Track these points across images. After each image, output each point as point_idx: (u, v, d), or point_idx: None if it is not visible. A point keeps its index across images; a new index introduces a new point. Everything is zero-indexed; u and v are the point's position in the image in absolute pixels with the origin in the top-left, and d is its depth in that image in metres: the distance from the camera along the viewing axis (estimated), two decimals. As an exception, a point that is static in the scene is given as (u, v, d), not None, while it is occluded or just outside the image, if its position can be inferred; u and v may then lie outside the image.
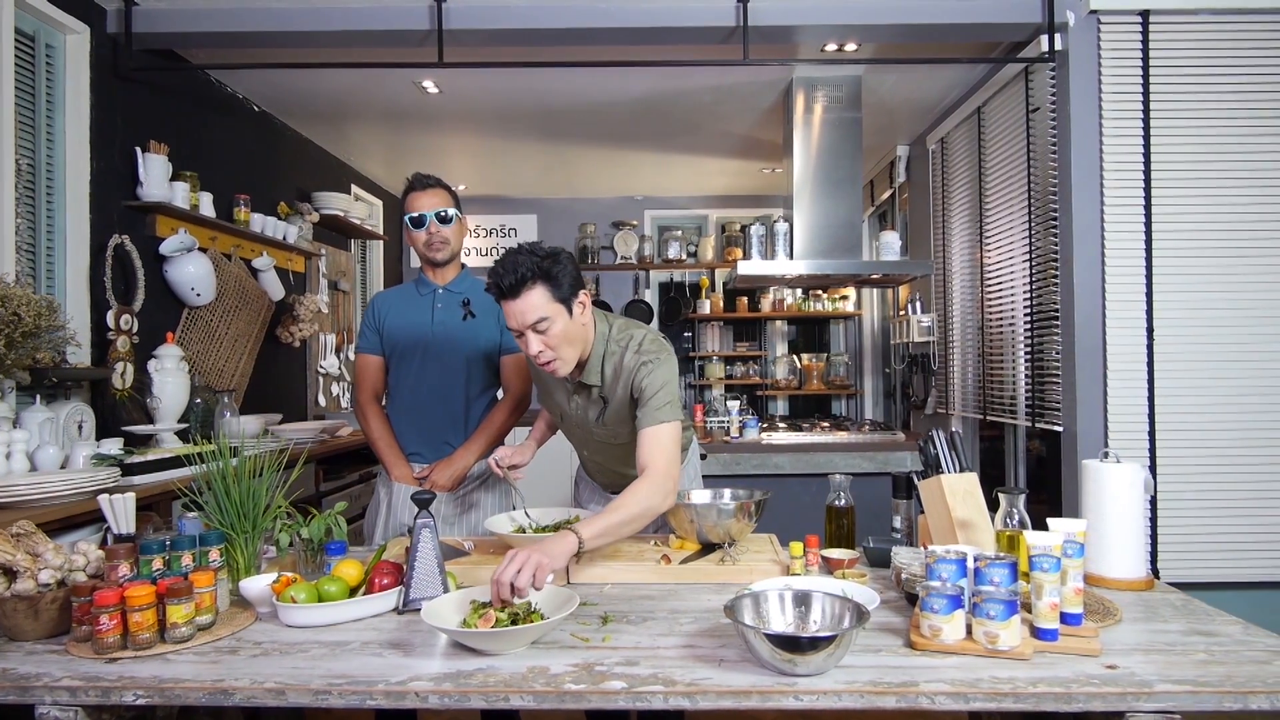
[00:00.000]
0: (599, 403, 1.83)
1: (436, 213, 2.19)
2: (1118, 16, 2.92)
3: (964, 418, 4.17)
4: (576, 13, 3.00)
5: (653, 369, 1.72)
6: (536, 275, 1.61)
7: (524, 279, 1.60)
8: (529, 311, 1.62)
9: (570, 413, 1.91)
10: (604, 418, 1.84)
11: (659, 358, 1.74)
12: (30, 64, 2.70)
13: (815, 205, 3.86)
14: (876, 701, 1.13)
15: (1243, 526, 2.88)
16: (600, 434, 1.89)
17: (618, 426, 1.83)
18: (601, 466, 2.04)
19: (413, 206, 2.20)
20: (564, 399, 1.91)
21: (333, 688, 1.18)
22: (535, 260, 1.61)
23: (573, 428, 1.97)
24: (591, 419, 1.86)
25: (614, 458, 1.96)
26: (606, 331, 1.79)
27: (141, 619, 1.32)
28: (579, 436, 1.99)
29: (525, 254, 1.62)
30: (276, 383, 4.25)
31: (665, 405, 1.70)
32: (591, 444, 1.97)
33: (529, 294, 1.61)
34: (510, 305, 1.63)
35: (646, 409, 1.70)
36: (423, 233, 2.20)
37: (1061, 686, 1.13)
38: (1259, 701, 1.11)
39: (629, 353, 1.75)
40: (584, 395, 1.84)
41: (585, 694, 1.16)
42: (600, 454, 1.99)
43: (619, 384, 1.77)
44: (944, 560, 1.34)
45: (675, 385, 1.75)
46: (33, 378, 2.41)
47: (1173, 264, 2.91)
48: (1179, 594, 1.59)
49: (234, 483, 1.64)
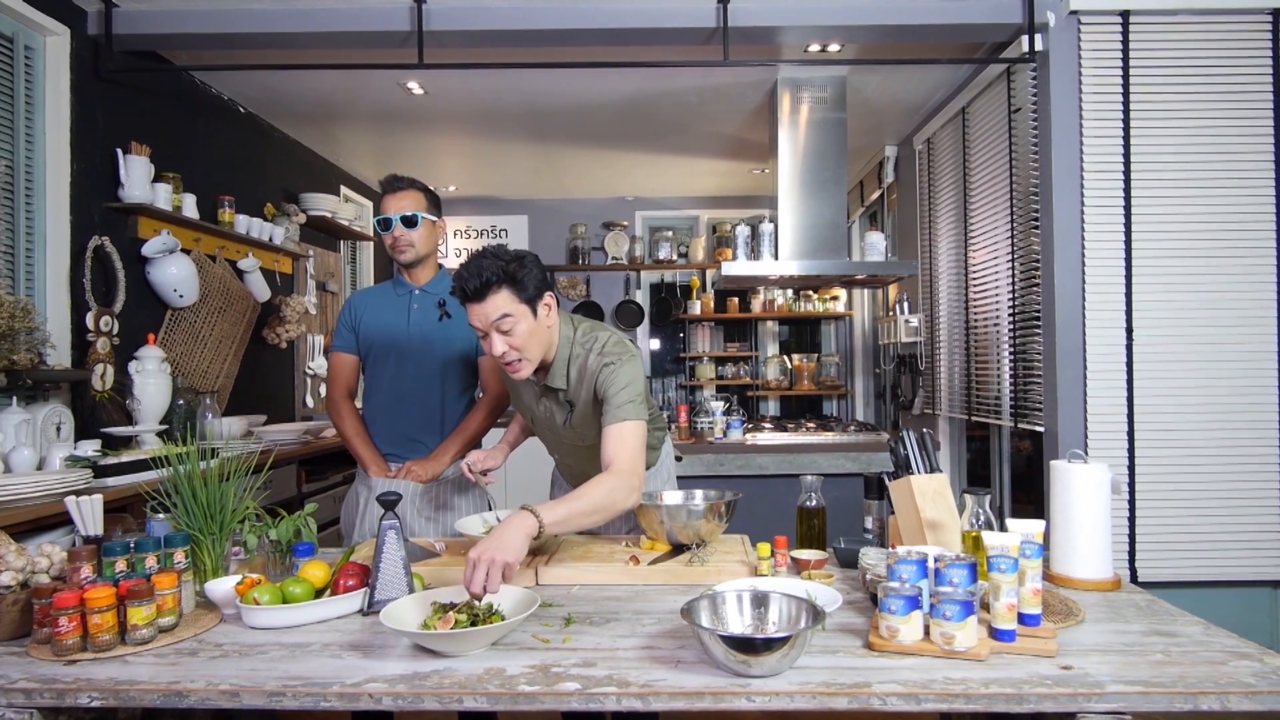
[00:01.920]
0: (565, 406, 1.85)
1: (401, 216, 2.19)
2: (1098, 17, 2.93)
3: (950, 418, 4.18)
4: (556, 14, 3.00)
5: (615, 369, 1.73)
6: (501, 279, 1.63)
7: (489, 283, 1.62)
8: (492, 314, 1.64)
9: (540, 415, 1.93)
10: (571, 421, 1.86)
11: (621, 358, 1.75)
12: (9, 66, 2.70)
13: (801, 206, 3.86)
14: (829, 702, 1.14)
15: (1219, 526, 2.88)
16: (569, 437, 1.91)
17: (585, 429, 1.85)
18: (573, 469, 2.07)
19: (383, 208, 2.22)
20: (533, 402, 1.92)
21: (287, 689, 1.18)
22: (500, 264, 1.63)
23: (543, 430, 1.99)
24: (559, 422, 1.88)
25: (584, 460, 1.97)
26: (571, 334, 1.81)
27: (101, 621, 1.32)
28: (550, 439, 2.00)
29: (490, 258, 1.64)
30: (263, 384, 4.25)
31: (628, 404, 1.71)
32: (562, 446, 1.99)
33: (494, 297, 1.63)
34: (475, 308, 1.65)
35: (610, 407, 1.72)
36: (389, 235, 2.20)
37: (1013, 687, 1.14)
38: (1209, 702, 1.12)
39: (593, 355, 1.78)
40: (551, 399, 1.86)
41: (539, 695, 1.16)
42: (571, 456, 2.01)
43: (584, 386, 1.79)
44: (904, 561, 1.34)
45: (640, 385, 1.76)
46: (9, 379, 2.41)
47: (1152, 265, 2.92)
48: (1144, 594, 1.59)
49: (201, 485, 1.64)
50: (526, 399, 1.94)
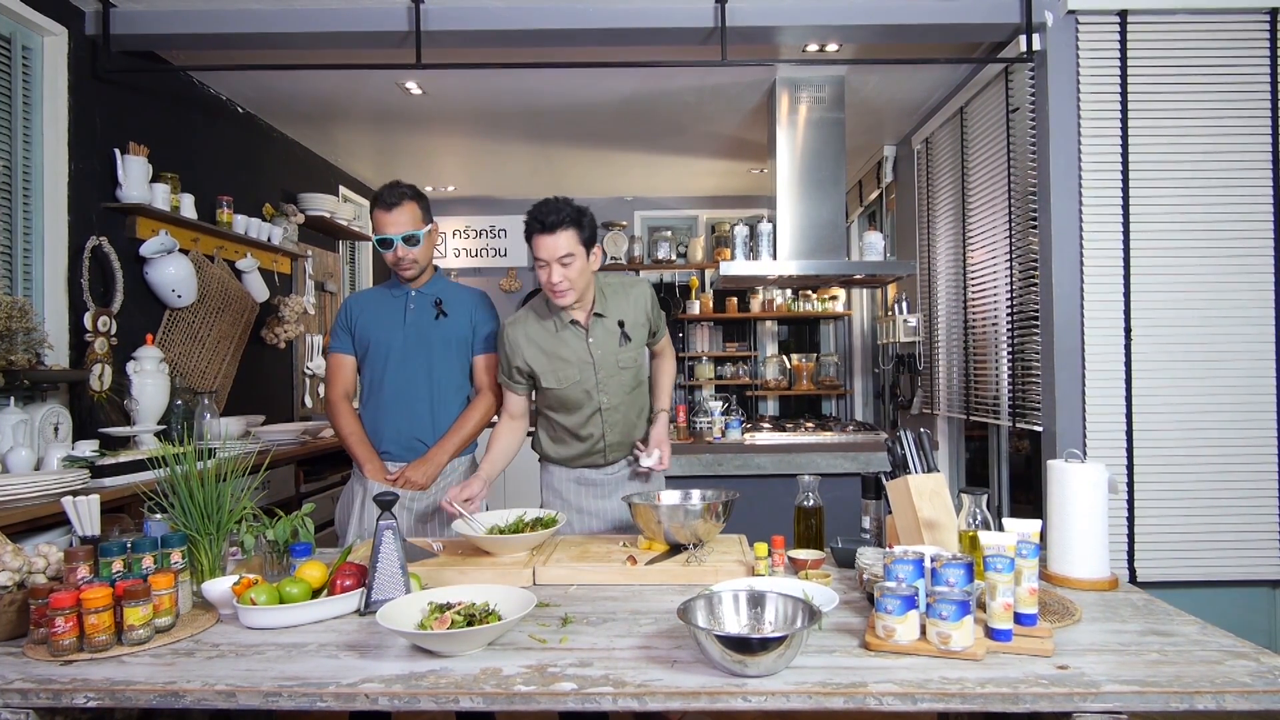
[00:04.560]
0: (617, 330, 2.12)
1: (403, 236, 2.17)
2: (1096, 16, 2.92)
3: (949, 418, 4.18)
4: (554, 14, 3.00)
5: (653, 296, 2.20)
6: (571, 221, 1.94)
7: (562, 221, 1.93)
8: (560, 247, 1.93)
9: (596, 362, 2.10)
10: (626, 334, 2.13)
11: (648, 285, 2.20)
12: (7, 66, 2.69)
13: (800, 205, 3.86)
14: (824, 702, 1.14)
15: (1218, 525, 2.88)
16: (624, 360, 2.13)
17: (637, 352, 2.17)
18: (618, 423, 2.19)
19: (380, 227, 2.17)
20: (583, 352, 2.09)
21: (283, 689, 1.18)
22: (572, 209, 1.96)
23: (588, 396, 2.12)
24: (616, 347, 2.12)
25: (629, 404, 2.19)
26: (599, 280, 2.13)
27: (98, 621, 1.32)
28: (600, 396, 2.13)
29: (564, 203, 1.96)
30: (262, 384, 4.25)
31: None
32: (611, 395, 2.14)
33: (563, 233, 1.93)
34: (545, 240, 1.93)
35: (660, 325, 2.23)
36: (390, 254, 2.19)
37: (1009, 687, 1.14)
38: (1205, 701, 1.12)
39: (623, 285, 2.16)
40: (602, 331, 2.11)
41: (534, 695, 1.16)
42: (617, 405, 2.17)
43: (628, 302, 2.14)
44: (901, 561, 1.34)
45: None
46: (7, 379, 2.41)
47: (1150, 264, 2.92)
48: (1141, 594, 1.60)
49: (198, 486, 1.64)
50: (573, 359, 2.09)
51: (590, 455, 2.22)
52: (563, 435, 2.22)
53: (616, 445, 2.22)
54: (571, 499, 2.25)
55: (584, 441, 2.20)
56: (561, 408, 2.16)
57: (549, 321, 2.09)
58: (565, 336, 2.09)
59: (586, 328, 2.09)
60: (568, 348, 2.09)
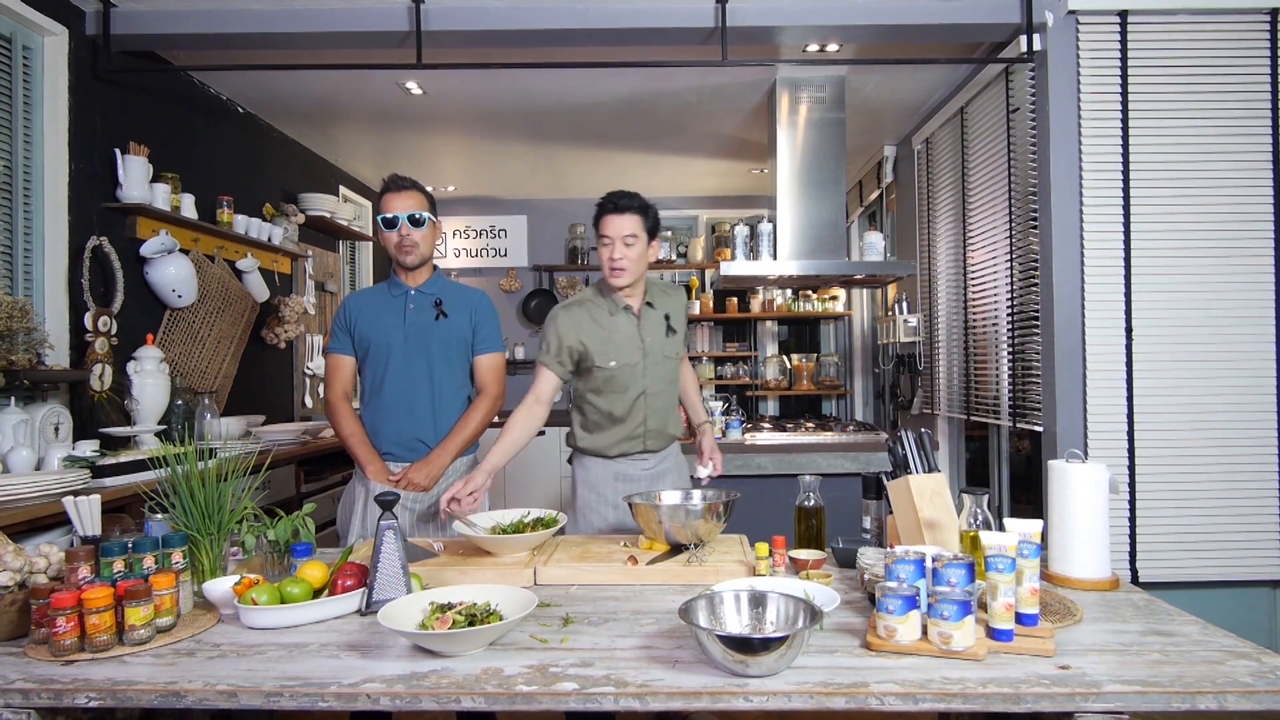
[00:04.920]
0: (663, 325, 2.30)
1: (409, 215, 2.20)
2: (1096, 17, 2.92)
3: (949, 418, 4.18)
4: (554, 14, 3.00)
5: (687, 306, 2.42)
6: (639, 207, 2.19)
7: (632, 205, 2.17)
8: (625, 226, 2.15)
9: (645, 347, 2.25)
10: (671, 326, 2.31)
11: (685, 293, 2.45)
12: (7, 66, 2.69)
13: (800, 206, 3.86)
14: (826, 702, 1.14)
15: (1219, 525, 2.88)
16: (669, 350, 2.30)
17: (678, 346, 2.35)
18: (659, 410, 2.32)
19: (386, 207, 2.22)
20: (634, 337, 2.25)
21: (285, 689, 1.18)
22: (640, 199, 2.21)
23: (637, 379, 2.24)
24: (663, 338, 2.29)
25: (669, 394, 2.34)
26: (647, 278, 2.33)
27: (99, 621, 1.32)
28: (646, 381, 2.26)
29: (634, 193, 2.21)
30: (262, 384, 4.25)
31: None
32: (655, 382, 2.28)
33: (631, 216, 2.16)
34: (614, 218, 2.15)
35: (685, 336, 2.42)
36: (394, 234, 2.20)
37: (1011, 687, 1.14)
38: (1206, 701, 1.12)
39: (668, 286, 2.40)
40: (652, 321, 2.28)
41: (536, 695, 1.16)
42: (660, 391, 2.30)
43: (673, 302, 2.35)
44: (902, 561, 1.34)
45: None
46: (7, 379, 2.41)
47: (1151, 264, 2.92)
48: (1142, 594, 1.60)
49: (199, 485, 1.64)
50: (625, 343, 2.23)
51: (629, 440, 2.28)
52: (602, 422, 2.28)
53: (656, 433, 2.31)
54: (608, 495, 2.29)
55: (625, 426, 2.27)
56: (608, 389, 2.24)
57: (603, 307, 2.24)
58: (619, 321, 2.24)
59: (639, 315, 2.26)
60: (620, 332, 2.24)
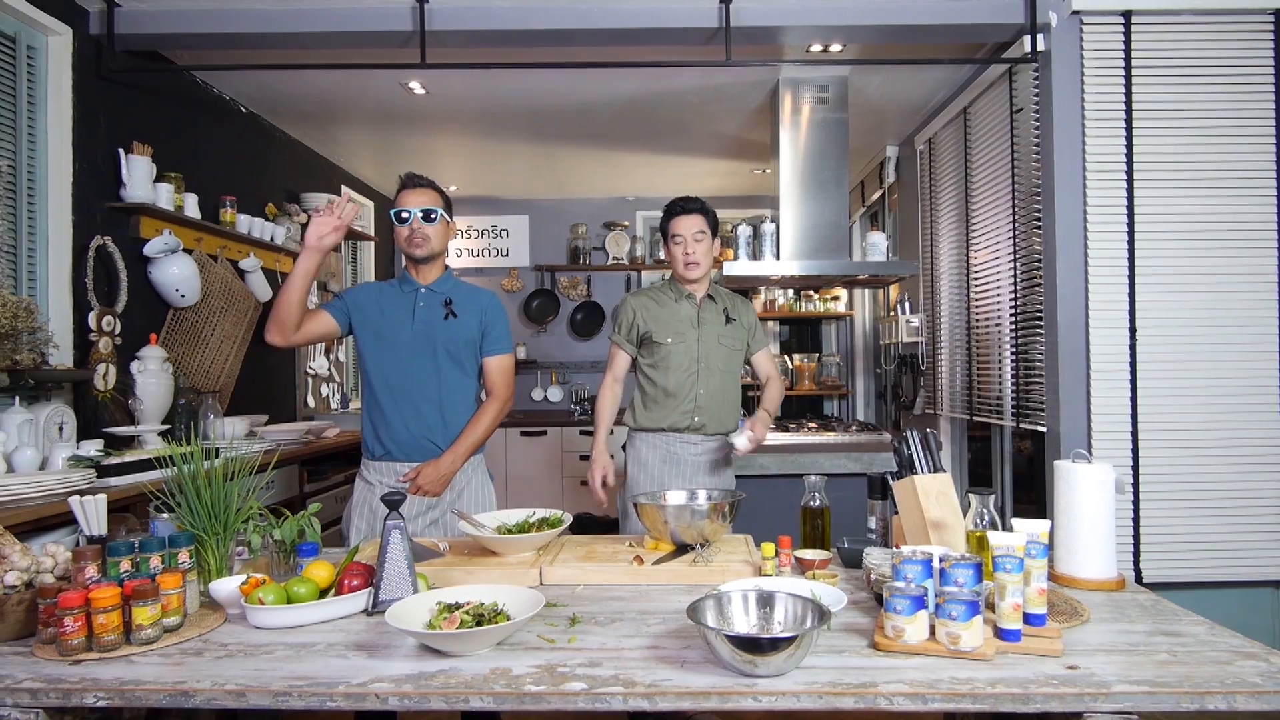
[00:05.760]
0: (722, 316, 2.57)
1: (423, 210, 2.21)
2: (1100, 17, 2.92)
3: (952, 418, 4.18)
4: (558, 14, 3.00)
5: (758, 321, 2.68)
6: (704, 209, 2.53)
7: (700, 208, 2.52)
8: (695, 225, 2.49)
9: (701, 331, 2.52)
10: (729, 321, 2.56)
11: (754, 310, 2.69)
12: (11, 65, 2.69)
13: (802, 206, 3.86)
14: (835, 702, 1.14)
15: (1224, 526, 2.88)
16: (727, 340, 2.54)
17: (736, 338, 2.58)
18: (713, 392, 2.52)
19: (401, 202, 2.24)
20: (692, 318, 2.53)
21: (293, 689, 1.18)
22: (703, 202, 2.55)
23: (690, 358, 2.50)
24: (720, 325, 2.55)
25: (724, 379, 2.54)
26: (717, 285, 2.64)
27: (106, 621, 1.32)
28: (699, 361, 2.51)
29: (698, 198, 2.54)
30: (265, 384, 4.25)
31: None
32: (708, 362, 2.51)
33: (698, 216, 2.50)
34: (685, 218, 2.49)
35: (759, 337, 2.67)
36: (405, 228, 2.21)
37: (1020, 687, 1.14)
38: (1215, 702, 1.12)
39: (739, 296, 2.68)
40: (712, 312, 2.56)
41: (545, 695, 1.16)
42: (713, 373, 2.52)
43: (740, 306, 2.64)
44: (909, 561, 1.34)
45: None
46: (11, 379, 2.41)
47: (1155, 264, 2.92)
48: (1149, 594, 1.60)
49: (205, 485, 1.64)
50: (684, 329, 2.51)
51: (682, 415, 2.50)
52: (658, 396, 2.52)
53: (708, 413, 2.51)
54: (655, 473, 2.51)
55: (679, 400, 2.50)
56: (664, 364, 2.51)
57: (669, 295, 2.57)
58: (681, 306, 2.55)
59: (700, 304, 2.55)
60: (679, 314, 2.54)
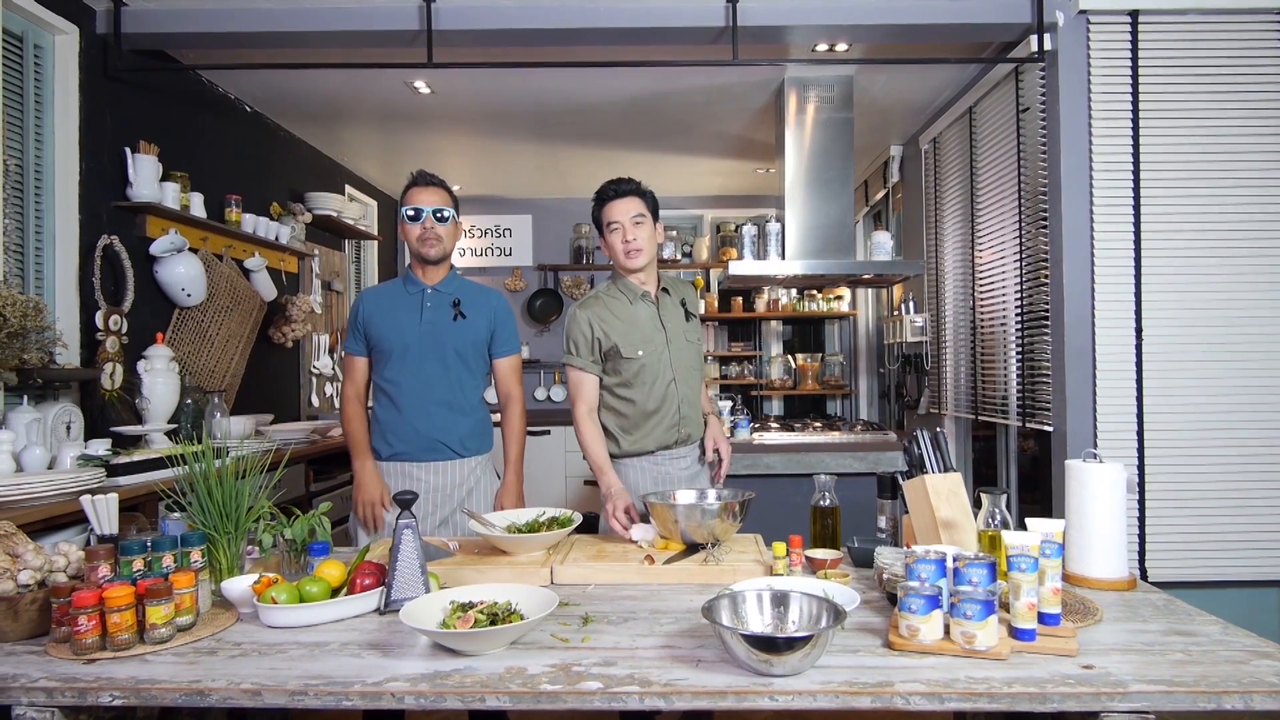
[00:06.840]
0: (680, 310, 2.34)
1: (435, 210, 2.21)
2: (1107, 16, 2.92)
3: (957, 418, 4.18)
4: (565, 13, 3.00)
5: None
6: (638, 190, 2.23)
7: (635, 189, 2.22)
8: (632, 208, 2.20)
9: (668, 332, 2.28)
10: (689, 316, 2.36)
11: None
12: (19, 65, 2.69)
13: (807, 205, 3.86)
14: (851, 702, 1.14)
15: (1230, 525, 2.88)
16: (689, 336, 2.33)
17: (697, 333, 2.38)
18: (689, 398, 2.31)
19: (412, 200, 2.24)
20: (655, 322, 2.27)
21: (309, 688, 1.18)
22: (636, 182, 2.25)
23: (665, 366, 2.25)
24: (683, 323, 2.33)
25: (694, 380, 2.33)
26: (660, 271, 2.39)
27: (120, 620, 1.32)
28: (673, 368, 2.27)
29: (630, 179, 2.25)
30: (269, 383, 4.25)
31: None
32: (681, 368, 2.28)
33: (634, 199, 2.21)
34: (618, 202, 2.20)
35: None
36: (418, 227, 2.22)
37: (1036, 687, 1.14)
38: (1233, 701, 1.12)
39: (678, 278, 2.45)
40: (669, 308, 2.31)
41: (561, 694, 1.16)
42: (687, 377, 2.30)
43: (686, 289, 2.41)
44: (923, 560, 1.34)
45: None
46: (20, 378, 2.41)
47: (1161, 264, 2.91)
48: (1161, 594, 1.59)
49: (216, 484, 1.64)
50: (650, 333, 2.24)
51: (669, 430, 2.27)
52: (637, 419, 2.24)
53: (690, 421, 2.31)
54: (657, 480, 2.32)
55: (662, 416, 2.25)
56: (639, 381, 2.22)
57: (621, 298, 2.26)
58: (638, 310, 2.26)
59: (656, 300, 2.29)
60: (642, 320, 2.26)
